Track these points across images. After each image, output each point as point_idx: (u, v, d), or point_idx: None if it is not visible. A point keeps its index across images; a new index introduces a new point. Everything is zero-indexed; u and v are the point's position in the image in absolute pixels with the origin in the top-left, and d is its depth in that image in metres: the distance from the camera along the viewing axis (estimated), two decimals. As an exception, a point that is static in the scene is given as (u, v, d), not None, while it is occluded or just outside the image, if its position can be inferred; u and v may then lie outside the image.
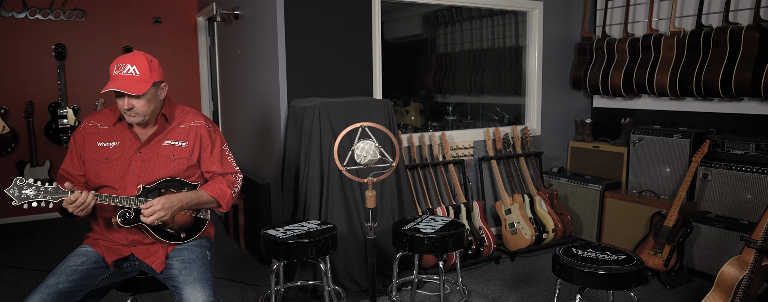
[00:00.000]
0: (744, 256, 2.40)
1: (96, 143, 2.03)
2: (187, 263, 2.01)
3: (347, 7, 3.44)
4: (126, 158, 2.02)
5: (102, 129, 2.06)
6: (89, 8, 4.86)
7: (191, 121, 2.13)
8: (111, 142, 2.03)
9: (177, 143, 2.07)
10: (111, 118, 2.07)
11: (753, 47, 3.21)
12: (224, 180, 2.14)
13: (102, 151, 2.02)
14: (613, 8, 4.18)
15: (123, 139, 2.04)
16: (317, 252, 2.46)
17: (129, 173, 2.00)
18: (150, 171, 2.02)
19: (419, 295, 3.17)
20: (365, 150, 1.70)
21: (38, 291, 1.82)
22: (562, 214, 3.97)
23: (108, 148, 2.03)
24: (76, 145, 2.05)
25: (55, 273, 1.89)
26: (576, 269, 2.25)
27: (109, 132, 2.05)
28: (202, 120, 2.15)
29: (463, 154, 3.93)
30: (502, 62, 4.80)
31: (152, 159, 2.03)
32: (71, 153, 2.06)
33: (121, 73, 1.92)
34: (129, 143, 2.04)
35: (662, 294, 3.15)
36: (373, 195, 1.71)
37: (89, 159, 2.02)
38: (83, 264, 1.95)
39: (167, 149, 2.05)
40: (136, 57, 1.96)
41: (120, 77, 1.92)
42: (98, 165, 2.00)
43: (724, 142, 3.37)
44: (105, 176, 2.00)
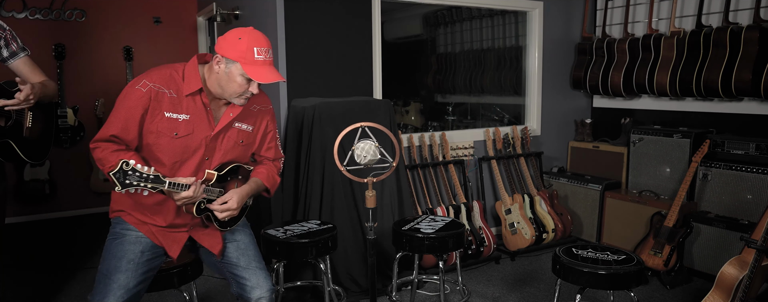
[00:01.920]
0: (744, 256, 2.40)
1: (164, 112, 1.78)
2: (243, 250, 1.99)
3: (347, 7, 3.44)
4: (198, 137, 1.84)
5: (171, 96, 1.79)
6: (89, 8, 4.86)
7: (261, 103, 2.01)
8: (181, 115, 1.80)
9: (246, 127, 1.95)
10: (181, 85, 1.81)
11: (753, 47, 3.21)
12: (275, 167, 2.11)
13: (170, 123, 1.79)
14: (613, 8, 4.18)
15: (195, 114, 1.82)
16: (317, 252, 2.46)
17: (200, 155, 1.85)
18: (219, 155, 1.90)
19: (419, 295, 3.17)
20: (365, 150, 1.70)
21: (111, 292, 1.73)
22: (562, 214, 3.97)
23: (177, 120, 1.79)
24: (134, 109, 1.75)
25: (119, 270, 1.78)
26: (576, 269, 2.25)
27: (179, 101, 1.80)
28: (269, 104, 2.05)
29: (463, 154, 3.93)
30: (502, 62, 4.80)
31: (225, 142, 1.90)
32: (126, 116, 1.76)
33: (266, 58, 1.75)
34: (202, 121, 1.84)
35: (662, 294, 3.15)
36: (373, 195, 1.71)
37: (152, 130, 1.78)
38: (143, 255, 1.85)
39: (237, 133, 1.93)
40: (266, 39, 1.79)
41: (268, 64, 1.76)
42: (163, 138, 1.79)
43: (724, 142, 3.37)
44: (169, 151, 1.81)
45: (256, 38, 1.75)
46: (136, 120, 1.77)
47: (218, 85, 1.80)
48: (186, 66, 1.85)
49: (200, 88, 1.81)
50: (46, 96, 2.12)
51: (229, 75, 1.76)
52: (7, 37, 2.08)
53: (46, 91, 2.11)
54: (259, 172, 2.04)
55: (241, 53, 1.72)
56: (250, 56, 1.72)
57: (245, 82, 1.76)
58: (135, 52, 5.09)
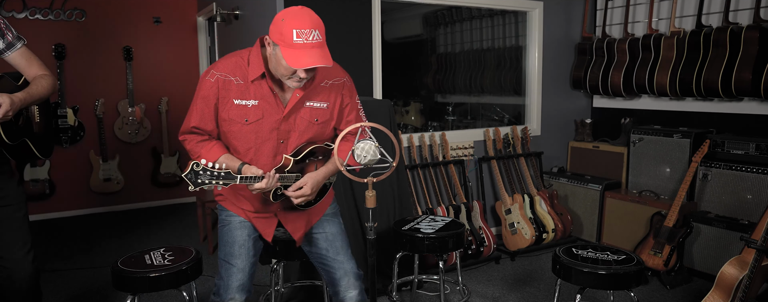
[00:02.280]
0: (744, 256, 2.40)
1: (232, 100, 1.79)
2: (331, 241, 2.04)
3: (347, 7, 3.44)
4: (268, 122, 1.83)
5: (238, 84, 1.79)
6: (89, 8, 4.86)
7: (333, 77, 1.92)
8: (249, 101, 1.80)
9: (319, 105, 1.88)
10: (247, 71, 1.79)
11: (753, 47, 3.21)
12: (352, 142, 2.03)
13: (240, 110, 1.80)
14: (613, 8, 4.18)
15: (262, 99, 1.81)
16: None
17: (274, 138, 1.85)
18: (295, 136, 1.88)
19: (419, 295, 3.17)
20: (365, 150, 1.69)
21: (233, 276, 1.91)
22: (562, 214, 3.97)
23: (247, 107, 1.80)
24: (208, 99, 1.80)
25: (234, 255, 1.94)
26: (576, 269, 2.25)
27: (245, 88, 1.80)
28: (344, 76, 1.96)
29: (463, 154, 3.93)
30: (502, 62, 4.80)
31: (296, 122, 1.87)
32: (202, 107, 1.81)
33: (308, 40, 1.63)
34: (271, 105, 1.82)
35: (662, 294, 3.15)
36: (373, 195, 1.71)
37: (225, 118, 1.81)
38: (250, 238, 1.98)
39: (310, 112, 1.88)
40: (313, 17, 1.66)
41: (309, 47, 1.64)
42: (235, 125, 1.81)
43: (724, 141, 3.37)
44: (243, 137, 1.83)
45: (298, 18, 1.65)
46: (211, 110, 1.81)
47: (273, 68, 1.77)
48: (251, 51, 1.82)
49: (263, 72, 1.78)
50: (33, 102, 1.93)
51: (276, 58, 1.71)
52: (1, 28, 1.93)
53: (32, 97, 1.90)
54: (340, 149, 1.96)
55: (281, 35, 1.65)
56: (288, 38, 1.63)
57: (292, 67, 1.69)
58: (135, 52, 5.09)
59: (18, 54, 1.97)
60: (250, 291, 1.98)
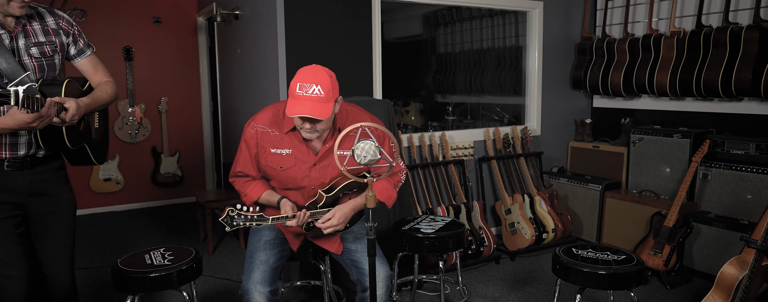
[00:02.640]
0: (744, 256, 2.40)
1: (269, 149, 2.03)
2: (360, 238, 2.18)
3: (347, 7, 3.44)
4: (301, 169, 2.04)
5: (274, 135, 2.04)
6: (89, 8, 4.85)
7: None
8: (284, 150, 2.03)
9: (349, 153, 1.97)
10: (282, 125, 2.03)
11: (753, 47, 3.21)
12: (391, 179, 2.18)
13: (276, 158, 2.04)
14: (613, 8, 4.18)
15: (296, 148, 2.03)
16: (316, 252, 2.46)
17: (306, 185, 2.06)
18: (328, 181, 2.08)
19: (419, 295, 3.17)
20: (365, 150, 1.70)
21: (256, 268, 2.02)
22: (562, 214, 3.97)
23: (281, 155, 2.04)
24: (250, 148, 2.06)
25: (259, 249, 2.08)
26: (576, 269, 2.25)
27: (281, 139, 2.03)
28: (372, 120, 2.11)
29: (463, 154, 3.93)
30: (502, 62, 4.80)
31: (327, 169, 2.06)
32: (245, 156, 2.08)
33: (307, 93, 1.82)
34: (303, 154, 2.04)
35: (662, 294, 3.15)
36: (373, 195, 1.71)
37: (263, 165, 2.06)
38: (276, 238, 2.15)
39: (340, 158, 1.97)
40: (319, 75, 1.85)
41: (305, 99, 1.82)
42: (273, 171, 2.06)
43: (724, 141, 3.37)
44: (281, 180, 2.07)
45: (305, 73, 1.86)
46: (252, 157, 2.08)
47: None
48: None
49: (293, 127, 1.99)
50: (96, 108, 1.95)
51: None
52: (75, 34, 1.97)
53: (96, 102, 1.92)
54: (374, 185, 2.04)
55: (290, 88, 1.87)
56: (293, 90, 1.85)
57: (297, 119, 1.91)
58: (135, 52, 5.09)
59: (86, 60, 2.01)
60: (277, 286, 2.06)
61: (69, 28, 1.95)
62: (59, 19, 1.93)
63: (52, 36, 1.89)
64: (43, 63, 1.85)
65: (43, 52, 1.85)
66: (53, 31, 1.90)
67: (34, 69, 1.83)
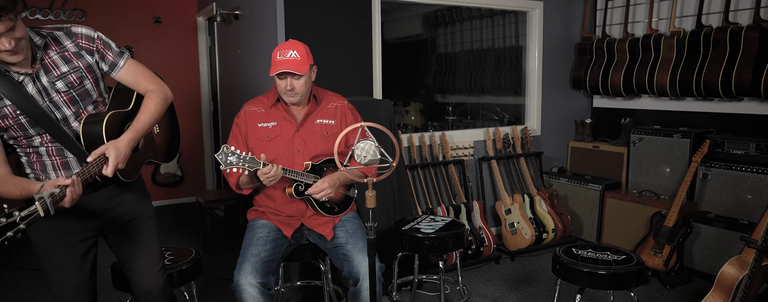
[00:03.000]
0: (744, 256, 2.40)
1: (257, 124, 2.29)
2: (351, 233, 2.29)
3: (347, 7, 3.44)
4: (286, 136, 2.28)
5: (260, 112, 2.31)
6: (89, 8, 4.86)
7: (335, 101, 2.40)
8: (269, 123, 2.29)
9: (327, 121, 2.34)
10: (266, 102, 2.33)
11: (753, 47, 3.21)
12: None
13: (263, 130, 2.28)
14: (613, 8, 4.18)
15: (280, 119, 2.29)
16: (317, 252, 2.47)
17: (293, 150, 2.28)
18: (310, 147, 2.28)
19: (419, 295, 3.17)
20: (365, 150, 1.70)
21: (247, 260, 2.11)
22: (562, 214, 3.97)
23: (268, 127, 2.28)
24: (240, 129, 2.31)
25: (251, 244, 2.20)
26: (576, 269, 2.25)
27: (266, 114, 2.31)
28: (344, 100, 2.43)
29: (463, 154, 3.93)
30: (502, 62, 4.80)
31: (309, 136, 2.30)
32: (236, 136, 2.32)
33: (285, 57, 2.15)
34: (286, 123, 2.29)
35: (662, 294, 3.15)
36: (373, 195, 1.71)
37: (253, 139, 2.28)
38: (269, 234, 2.26)
39: (320, 127, 2.32)
40: (294, 44, 2.19)
41: (284, 61, 2.15)
42: (261, 143, 2.27)
43: (724, 141, 3.37)
44: (269, 153, 2.24)
45: (281, 45, 2.20)
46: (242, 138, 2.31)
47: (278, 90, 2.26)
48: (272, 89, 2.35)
49: (277, 98, 2.29)
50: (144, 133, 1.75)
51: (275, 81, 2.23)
52: (100, 48, 1.78)
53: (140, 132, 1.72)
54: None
55: (272, 60, 2.19)
56: (274, 58, 2.18)
57: (278, 79, 2.20)
58: (135, 52, 5.07)
59: (123, 72, 1.82)
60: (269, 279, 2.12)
61: (90, 45, 1.76)
62: (77, 38, 1.74)
63: (74, 61, 1.71)
64: (73, 95, 1.70)
65: (69, 83, 1.69)
66: (74, 55, 1.72)
67: (67, 104, 1.69)
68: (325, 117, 2.35)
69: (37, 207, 1.35)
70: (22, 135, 1.67)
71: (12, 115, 1.61)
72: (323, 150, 2.30)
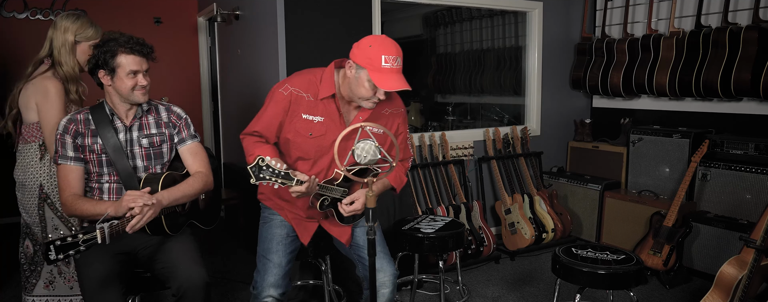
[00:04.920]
0: (743, 256, 2.41)
1: (301, 114, 1.97)
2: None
3: (347, 7, 3.45)
4: (330, 138, 1.98)
5: (308, 100, 1.98)
6: (89, 8, 4.86)
7: (393, 107, 2.13)
8: (316, 117, 1.98)
9: (377, 130, 2.02)
10: (318, 89, 1.98)
11: (752, 47, 3.22)
12: (402, 167, 2.20)
13: (306, 124, 1.98)
14: (613, 8, 4.19)
15: (328, 116, 1.99)
16: (317, 252, 2.47)
17: (331, 155, 1.99)
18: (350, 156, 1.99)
19: (419, 295, 3.18)
20: (365, 150, 1.70)
21: (269, 272, 2.03)
22: (561, 214, 3.97)
23: (312, 122, 1.98)
24: (279, 110, 1.98)
25: (271, 250, 2.08)
26: (576, 269, 2.25)
27: (315, 105, 1.98)
28: (402, 107, 2.17)
29: (463, 154, 3.93)
30: (502, 62, 4.81)
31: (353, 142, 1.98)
32: (270, 117, 2.00)
33: (393, 66, 1.85)
34: (334, 123, 2.00)
35: (662, 294, 3.16)
36: (373, 195, 1.71)
37: (292, 130, 1.99)
38: (288, 237, 2.13)
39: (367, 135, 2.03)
40: (397, 46, 1.89)
41: (395, 72, 1.85)
42: (300, 138, 1.99)
43: (724, 142, 3.38)
44: (304, 149, 2.00)
45: (385, 46, 1.85)
46: (278, 120, 2.00)
47: (349, 89, 1.94)
48: (325, 71, 2.01)
49: (333, 93, 1.97)
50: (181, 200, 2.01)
51: (358, 80, 1.89)
52: (181, 126, 2.15)
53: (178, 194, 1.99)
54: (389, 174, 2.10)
55: (369, 60, 1.83)
56: (377, 63, 1.83)
57: (372, 87, 1.87)
58: (135, 52, 5.09)
59: (186, 149, 2.15)
60: (288, 286, 2.08)
61: (177, 121, 2.15)
62: (171, 114, 2.15)
63: (163, 128, 2.11)
64: (150, 152, 2.07)
65: (152, 143, 2.08)
66: (165, 124, 2.12)
67: (142, 157, 2.06)
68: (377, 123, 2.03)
69: (97, 235, 1.66)
70: (98, 172, 2.01)
71: (97, 152, 1.99)
72: None
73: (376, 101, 1.93)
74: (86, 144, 1.98)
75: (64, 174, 1.97)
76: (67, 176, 1.96)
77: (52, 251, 1.59)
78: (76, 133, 1.98)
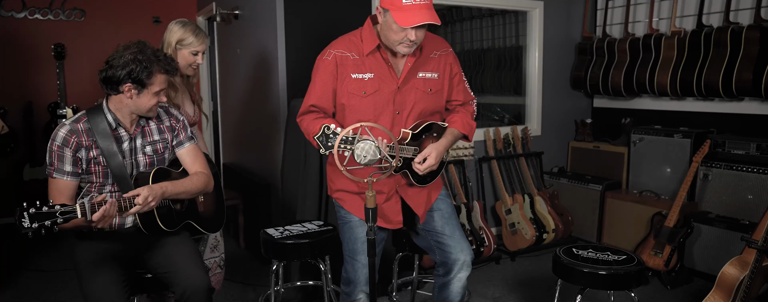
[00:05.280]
0: (745, 257, 2.40)
1: (350, 75, 1.92)
2: (447, 218, 2.13)
3: (347, 7, 3.44)
4: (385, 93, 1.94)
5: (353, 59, 1.93)
6: (89, 8, 4.85)
7: (440, 48, 2.05)
8: (365, 74, 1.92)
9: (430, 75, 1.99)
10: (360, 47, 1.93)
11: (754, 47, 3.21)
12: (467, 112, 2.15)
13: (357, 83, 1.92)
14: (614, 8, 4.17)
15: (378, 71, 1.93)
16: (317, 252, 2.46)
17: (390, 110, 1.95)
18: (409, 107, 1.97)
19: (419, 295, 3.16)
20: (365, 150, 1.69)
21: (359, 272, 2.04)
22: (562, 214, 3.96)
23: (363, 80, 1.92)
24: (328, 76, 1.92)
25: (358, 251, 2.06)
26: (576, 269, 2.24)
27: (361, 62, 1.93)
28: (449, 47, 2.08)
29: (464, 154, 3.92)
30: (502, 62, 4.80)
31: (411, 93, 1.97)
32: (321, 86, 1.94)
33: (416, 1, 1.74)
34: (386, 76, 1.94)
35: (663, 295, 3.15)
36: (373, 195, 1.70)
37: (344, 92, 1.93)
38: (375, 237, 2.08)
39: (423, 82, 1.98)
40: None
41: (418, 7, 1.74)
42: (355, 99, 1.92)
43: (725, 142, 3.37)
44: (361, 110, 1.93)
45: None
46: (330, 87, 1.94)
47: (384, 37, 1.87)
48: (362, 29, 1.97)
49: (377, 44, 1.91)
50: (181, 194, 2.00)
51: (387, 24, 1.82)
52: (179, 128, 2.14)
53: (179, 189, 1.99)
54: (453, 121, 2.08)
55: (394, 5, 1.76)
56: (398, 1, 1.75)
57: (399, 29, 1.78)
58: (135, 51, 5.08)
59: (185, 151, 2.15)
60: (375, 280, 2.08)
61: (176, 125, 2.13)
62: (171, 118, 2.14)
63: (165, 133, 2.10)
64: (154, 159, 2.06)
65: (155, 149, 2.07)
66: (167, 129, 2.11)
67: (146, 165, 2.04)
68: (428, 69, 2.00)
69: (77, 208, 1.64)
70: (100, 182, 1.97)
71: (103, 164, 1.94)
72: (424, 107, 1.99)
73: (410, 43, 1.82)
74: (90, 156, 1.93)
75: (56, 188, 1.90)
76: (62, 191, 1.90)
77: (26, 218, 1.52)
78: (78, 145, 1.90)
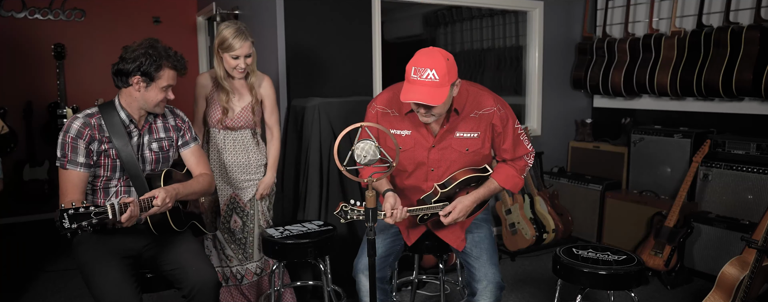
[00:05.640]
0: (745, 257, 2.40)
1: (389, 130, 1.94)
2: (477, 242, 2.14)
3: (347, 7, 3.44)
4: (420, 150, 2.03)
5: (394, 116, 2.04)
6: (89, 8, 4.85)
7: (483, 107, 2.03)
8: (403, 131, 2.03)
9: (469, 135, 2.02)
10: (401, 105, 2.02)
11: (754, 47, 3.20)
12: (514, 165, 2.14)
13: (396, 139, 1.97)
14: (614, 8, 4.17)
15: (415, 129, 2.02)
16: (317, 252, 2.46)
17: (426, 167, 2.04)
18: (445, 165, 2.04)
19: (419, 295, 3.16)
20: (365, 150, 1.69)
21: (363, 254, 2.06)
22: (562, 214, 3.96)
23: (401, 136, 2.03)
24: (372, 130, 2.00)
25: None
26: (576, 269, 2.24)
27: (400, 119, 2.03)
28: (493, 106, 2.03)
29: (464, 154, 3.92)
30: (502, 62, 4.80)
31: (446, 152, 2.03)
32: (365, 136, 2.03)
33: (421, 78, 1.79)
34: (422, 135, 2.02)
35: (663, 295, 3.15)
36: (373, 195, 1.70)
37: (384, 147, 2.01)
38: (391, 227, 2.19)
39: (460, 142, 2.02)
40: (434, 59, 1.80)
41: (419, 84, 1.79)
42: (391, 153, 1.98)
43: (725, 142, 3.37)
44: (399, 163, 2.02)
45: (420, 57, 1.84)
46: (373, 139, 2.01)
47: None
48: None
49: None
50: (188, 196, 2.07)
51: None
52: (185, 128, 2.22)
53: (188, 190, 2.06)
54: (496, 173, 2.11)
55: (406, 72, 1.86)
56: (408, 74, 1.85)
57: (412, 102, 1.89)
58: (135, 51, 5.08)
59: (189, 151, 2.22)
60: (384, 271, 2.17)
61: (181, 125, 2.22)
62: (177, 118, 2.22)
63: (170, 132, 2.18)
64: (159, 156, 2.13)
65: (161, 147, 2.13)
66: (173, 128, 2.19)
67: (152, 162, 2.10)
68: (467, 130, 2.02)
69: (108, 208, 1.70)
70: (107, 176, 2.01)
71: (113, 157, 1.99)
72: (461, 166, 2.05)
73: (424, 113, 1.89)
74: (102, 149, 1.97)
75: (70, 180, 1.92)
76: (75, 182, 1.92)
77: (66, 219, 1.60)
78: (91, 138, 1.95)
